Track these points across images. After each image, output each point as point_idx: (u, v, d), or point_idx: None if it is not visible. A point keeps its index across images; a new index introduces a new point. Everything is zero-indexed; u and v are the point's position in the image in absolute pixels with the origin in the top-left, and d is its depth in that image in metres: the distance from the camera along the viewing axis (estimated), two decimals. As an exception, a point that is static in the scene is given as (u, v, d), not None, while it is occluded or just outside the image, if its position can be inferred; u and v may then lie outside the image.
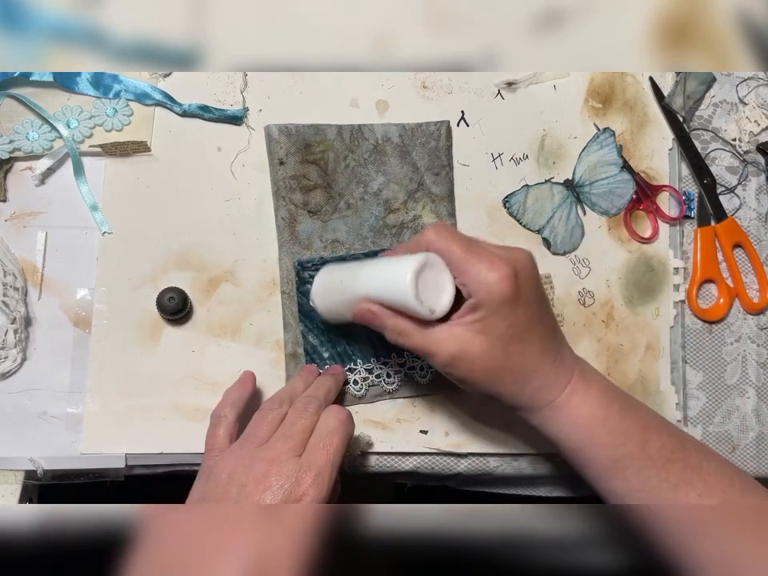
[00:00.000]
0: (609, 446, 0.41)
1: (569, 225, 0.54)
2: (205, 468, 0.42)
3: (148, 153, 0.50)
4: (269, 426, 0.42)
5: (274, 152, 0.50)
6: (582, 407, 0.41)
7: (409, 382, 0.50)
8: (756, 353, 0.55)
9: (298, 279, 0.49)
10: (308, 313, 0.49)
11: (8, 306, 0.47)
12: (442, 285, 0.40)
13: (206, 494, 0.41)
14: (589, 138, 0.55)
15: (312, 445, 0.41)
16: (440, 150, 0.52)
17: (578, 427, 0.41)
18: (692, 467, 0.42)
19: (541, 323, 0.41)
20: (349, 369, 0.49)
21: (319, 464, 0.40)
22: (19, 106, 0.49)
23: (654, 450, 0.41)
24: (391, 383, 0.50)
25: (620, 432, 0.41)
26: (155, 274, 0.49)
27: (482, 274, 0.38)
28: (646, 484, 0.41)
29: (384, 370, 0.50)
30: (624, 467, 0.41)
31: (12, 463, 0.46)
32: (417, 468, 0.51)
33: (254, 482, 0.39)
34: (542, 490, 0.54)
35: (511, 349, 0.40)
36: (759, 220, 0.56)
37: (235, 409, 0.45)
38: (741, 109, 0.57)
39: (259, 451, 0.41)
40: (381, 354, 0.50)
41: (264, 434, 0.42)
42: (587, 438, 0.41)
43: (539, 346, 0.41)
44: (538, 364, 0.41)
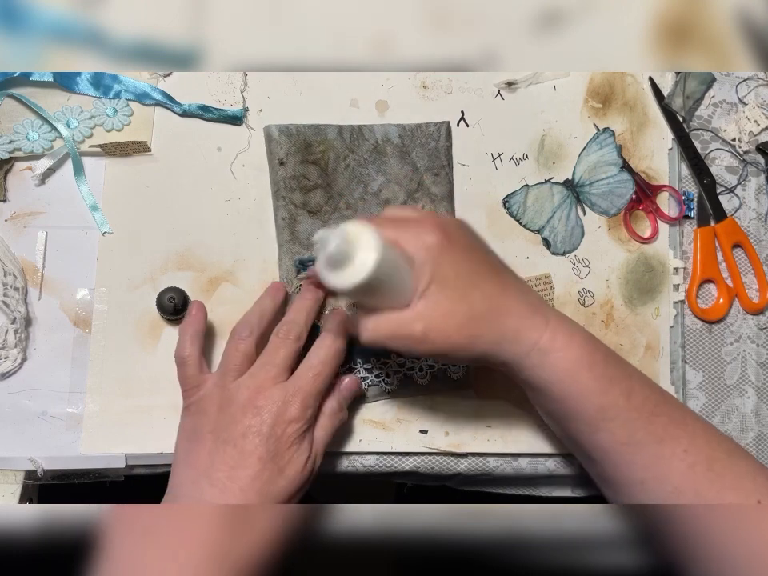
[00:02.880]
0: (596, 392, 0.40)
1: (569, 225, 0.54)
2: (190, 404, 0.44)
3: (148, 153, 0.50)
4: (244, 357, 0.44)
5: (274, 152, 0.50)
6: (569, 351, 0.40)
7: (408, 382, 0.50)
8: (756, 353, 0.55)
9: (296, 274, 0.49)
10: None
11: (8, 306, 0.47)
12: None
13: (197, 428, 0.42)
14: (589, 138, 0.55)
15: (301, 372, 0.43)
16: (440, 150, 0.52)
17: (566, 372, 0.40)
18: (677, 423, 0.41)
19: (488, 263, 0.41)
20: (348, 368, 0.49)
21: (306, 390, 0.42)
22: (19, 105, 0.49)
23: (638, 402, 0.41)
24: (390, 383, 0.50)
25: (606, 379, 0.41)
26: (155, 274, 0.49)
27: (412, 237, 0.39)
28: (632, 437, 0.40)
29: (383, 370, 0.50)
30: (610, 418, 0.40)
31: (12, 463, 0.46)
32: (417, 468, 0.51)
33: (242, 410, 0.41)
34: (542, 490, 0.54)
35: (471, 297, 0.39)
36: (759, 220, 0.56)
37: (196, 344, 0.45)
38: (741, 109, 0.57)
39: (242, 380, 0.42)
40: (380, 353, 0.50)
41: (241, 365, 0.43)
42: (574, 384, 0.40)
43: (497, 286, 0.41)
44: (504, 305, 0.40)
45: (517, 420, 0.51)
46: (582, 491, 0.53)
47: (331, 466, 0.50)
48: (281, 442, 0.41)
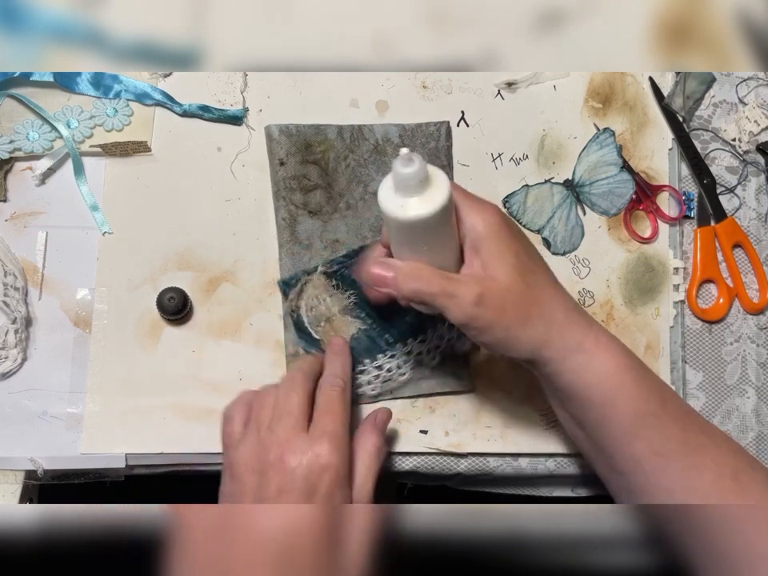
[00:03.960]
0: (636, 398, 0.40)
1: (569, 225, 0.54)
2: (226, 465, 0.42)
3: (148, 153, 0.50)
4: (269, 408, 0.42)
5: (274, 152, 0.50)
6: (612, 354, 0.40)
7: (412, 379, 0.50)
8: (756, 353, 0.55)
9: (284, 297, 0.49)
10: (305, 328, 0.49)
11: (8, 306, 0.47)
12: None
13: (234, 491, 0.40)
14: (589, 138, 0.55)
15: (316, 417, 0.41)
16: (440, 150, 0.52)
17: (608, 375, 0.40)
18: (706, 433, 0.41)
19: (539, 256, 0.42)
20: (359, 371, 0.49)
21: (329, 430, 0.40)
22: (19, 105, 0.49)
23: (672, 410, 0.41)
24: (402, 374, 0.50)
25: (644, 385, 0.40)
26: (155, 274, 0.49)
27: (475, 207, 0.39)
28: (666, 447, 0.40)
29: (394, 362, 0.50)
30: (648, 425, 0.40)
31: (12, 463, 0.46)
32: (417, 468, 0.51)
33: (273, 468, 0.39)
34: (542, 490, 0.54)
35: (528, 279, 0.39)
36: (759, 220, 0.56)
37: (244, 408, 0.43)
38: (741, 109, 0.57)
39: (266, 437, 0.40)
40: (385, 348, 0.50)
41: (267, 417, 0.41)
42: (615, 388, 0.40)
43: (549, 276, 0.41)
44: (556, 296, 0.40)
45: (517, 420, 0.51)
46: (582, 491, 0.53)
47: (331, 465, 0.50)
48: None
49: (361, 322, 0.50)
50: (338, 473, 0.39)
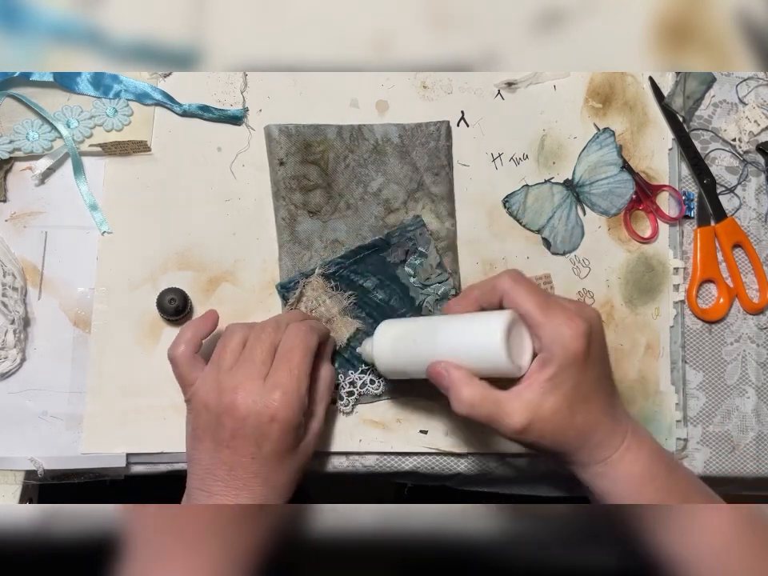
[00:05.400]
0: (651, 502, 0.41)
1: (569, 225, 0.54)
2: (186, 402, 0.44)
3: (148, 153, 0.50)
4: (231, 353, 0.43)
5: (274, 152, 0.50)
6: (635, 465, 0.41)
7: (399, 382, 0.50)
8: (756, 353, 0.55)
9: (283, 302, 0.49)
10: None
11: (6, 306, 0.47)
12: (522, 340, 0.40)
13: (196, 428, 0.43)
14: (589, 137, 0.55)
15: (274, 366, 0.42)
16: (440, 150, 0.52)
17: (628, 485, 0.41)
18: None
19: (604, 383, 0.42)
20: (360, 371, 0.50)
21: (283, 382, 0.41)
22: (19, 106, 0.49)
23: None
24: (377, 388, 0.50)
25: (665, 491, 0.42)
26: (155, 273, 0.49)
27: (559, 328, 0.39)
28: None
29: (367, 377, 0.50)
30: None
31: (12, 463, 0.46)
32: (417, 468, 0.51)
33: (226, 413, 0.41)
34: (542, 490, 0.54)
35: (576, 408, 0.40)
36: (759, 220, 0.56)
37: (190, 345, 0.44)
38: (741, 109, 0.57)
39: (224, 378, 0.42)
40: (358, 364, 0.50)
41: (228, 361, 0.43)
42: (634, 495, 0.41)
43: (602, 404, 0.41)
44: (599, 422, 0.41)
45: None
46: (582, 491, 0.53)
47: (331, 466, 0.50)
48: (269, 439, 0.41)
49: (361, 322, 0.50)
50: (288, 423, 0.41)
